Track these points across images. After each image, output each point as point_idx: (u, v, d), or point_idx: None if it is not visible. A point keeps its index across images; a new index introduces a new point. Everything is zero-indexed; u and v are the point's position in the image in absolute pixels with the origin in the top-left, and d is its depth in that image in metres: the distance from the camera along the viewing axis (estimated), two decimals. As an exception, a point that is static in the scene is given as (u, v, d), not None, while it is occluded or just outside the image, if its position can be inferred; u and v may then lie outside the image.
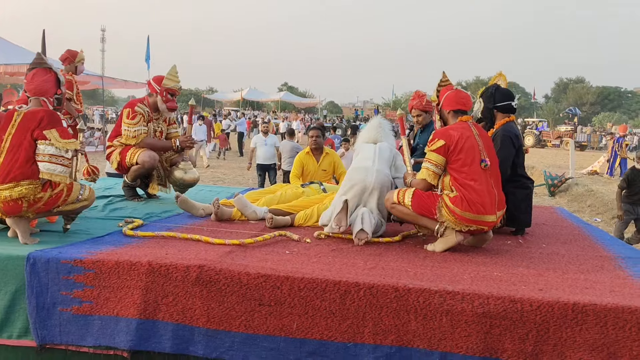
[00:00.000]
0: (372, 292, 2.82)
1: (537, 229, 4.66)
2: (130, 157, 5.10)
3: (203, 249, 3.39)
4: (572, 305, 2.66)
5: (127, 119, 5.11)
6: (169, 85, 5.18)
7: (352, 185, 4.09)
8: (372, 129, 4.62)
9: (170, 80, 5.19)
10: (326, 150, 6.75)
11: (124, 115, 5.15)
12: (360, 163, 4.26)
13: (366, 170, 4.11)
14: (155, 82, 5.19)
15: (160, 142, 5.34)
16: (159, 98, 5.20)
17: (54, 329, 3.07)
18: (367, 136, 4.59)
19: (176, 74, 5.27)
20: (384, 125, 4.65)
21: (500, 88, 4.52)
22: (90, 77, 20.91)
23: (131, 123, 5.10)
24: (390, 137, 4.61)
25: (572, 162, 16.98)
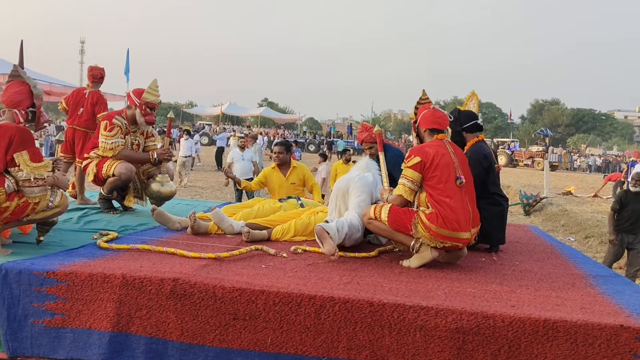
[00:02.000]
0: (347, 306, 2.83)
1: (510, 246, 4.72)
2: (107, 169, 5.06)
3: (178, 262, 3.37)
4: (543, 321, 2.70)
5: (105, 131, 5.08)
6: (149, 99, 5.17)
7: (337, 194, 4.43)
8: (361, 167, 4.78)
9: (150, 94, 5.18)
10: (294, 164, 6.76)
11: (102, 127, 5.11)
12: (345, 176, 4.58)
13: (349, 179, 4.42)
14: (135, 95, 5.16)
15: (137, 155, 5.31)
16: (137, 111, 5.17)
17: (26, 341, 3.02)
18: (359, 169, 4.78)
19: (156, 87, 5.26)
20: (371, 166, 4.76)
21: (463, 110, 4.63)
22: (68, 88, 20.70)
23: (108, 135, 5.07)
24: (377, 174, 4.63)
25: (546, 182, 17.25)
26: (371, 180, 4.42)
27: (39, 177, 3.45)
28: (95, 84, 6.35)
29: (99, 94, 6.25)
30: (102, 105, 6.19)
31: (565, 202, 16.73)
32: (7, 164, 3.41)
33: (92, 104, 6.16)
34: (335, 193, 4.44)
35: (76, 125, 6.15)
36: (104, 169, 5.07)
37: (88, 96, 6.20)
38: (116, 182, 5.08)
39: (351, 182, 4.37)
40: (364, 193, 4.28)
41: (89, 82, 6.37)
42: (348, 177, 4.48)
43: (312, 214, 4.68)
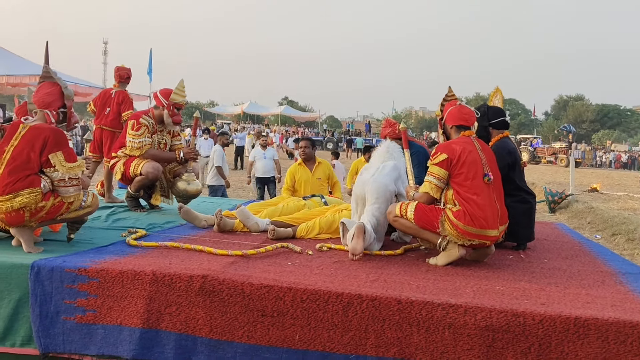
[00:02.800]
0: (374, 304, 2.83)
1: (538, 244, 4.67)
2: (134, 168, 5.12)
3: (206, 259, 3.40)
4: (574, 319, 2.68)
5: (132, 130, 5.15)
6: (177, 100, 5.23)
7: (355, 199, 4.31)
8: (380, 156, 4.59)
9: (178, 95, 5.24)
10: (319, 159, 6.78)
11: (129, 127, 5.18)
12: (360, 177, 4.37)
13: (364, 182, 4.24)
14: (162, 96, 5.22)
15: (164, 154, 5.37)
16: (165, 112, 5.23)
17: (58, 338, 3.07)
18: (375, 163, 4.57)
19: (183, 88, 5.31)
20: (392, 150, 4.60)
21: (491, 106, 4.60)
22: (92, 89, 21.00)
23: (135, 134, 5.13)
24: (399, 160, 4.51)
25: (572, 179, 17.01)
26: (387, 181, 4.21)
27: (74, 177, 3.51)
28: (122, 84, 6.43)
29: (124, 94, 6.33)
30: (128, 104, 6.26)
31: (591, 199, 16.48)
32: (42, 165, 3.48)
33: (117, 104, 6.24)
34: (354, 198, 4.34)
35: (103, 125, 6.24)
36: (132, 168, 5.13)
37: (114, 96, 6.29)
38: (143, 181, 5.14)
39: (366, 185, 4.20)
40: (379, 200, 4.10)
41: (116, 82, 6.45)
42: (363, 180, 4.30)
43: (336, 211, 4.69)
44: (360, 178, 4.37)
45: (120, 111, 6.22)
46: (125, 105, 6.24)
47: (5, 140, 3.55)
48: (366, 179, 4.26)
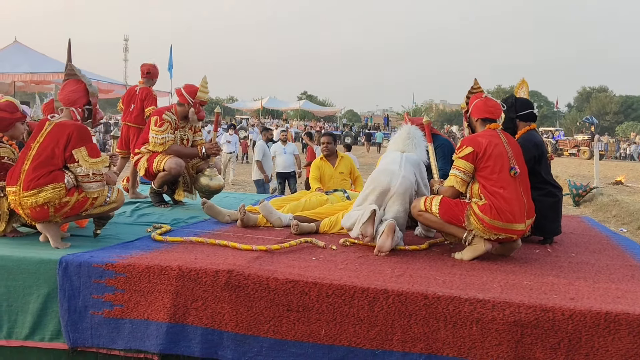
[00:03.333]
0: (400, 299, 2.81)
1: (565, 238, 4.60)
2: (157, 164, 5.16)
3: (231, 255, 3.41)
4: (604, 314, 2.63)
5: (155, 127, 5.18)
6: (203, 98, 5.29)
7: (375, 187, 3.98)
8: (400, 141, 4.40)
9: (203, 92, 5.29)
10: (340, 154, 6.78)
11: (152, 123, 5.22)
12: (386, 166, 4.13)
13: (392, 174, 3.98)
14: (187, 93, 5.25)
15: (186, 150, 5.40)
16: (191, 110, 5.28)
17: (86, 332, 3.11)
18: (394, 148, 4.41)
19: (206, 84, 5.36)
20: (413, 135, 4.40)
21: (519, 98, 4.54)
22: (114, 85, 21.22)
23: (159, 130, 5.17)
24: (421, 147, 4.36)
25: (596, 172, 16.76)
26: (412, 178, 4.04)
27: (97, 172, 3.54)
28: (147, 81, 6.49)
29: (148, 90, 6.38)
30: (150, 101, 6.31)
31: (616, 192, 16.21)
32: (66, 160, 3.52)
33: (141, 100, 6.30)
34: (374, 185, 4.00)
35: (129, 121, 6.31)
36: (155, 163, 5.17)
37: (138, 93, 6.34)
38: (166, 176, 5.17)
39: (394, 179, 3.94)
40: (404, 196, 3.94)
41: (141, 79, 6.50)
42: (391, 171, 4.01)
43: (359, 206, 4.66)
44: (388, 167, 4.07)
45: (144, 107, 6.27)
46: (148, 102, 6.29)
47: (32, 137, 3.60)
48: (394, 171, 4.00)
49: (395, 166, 4.06)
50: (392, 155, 4.24)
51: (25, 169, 3.45)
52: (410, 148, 4.30)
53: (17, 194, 3.42)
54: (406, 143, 4.33)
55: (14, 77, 17.87)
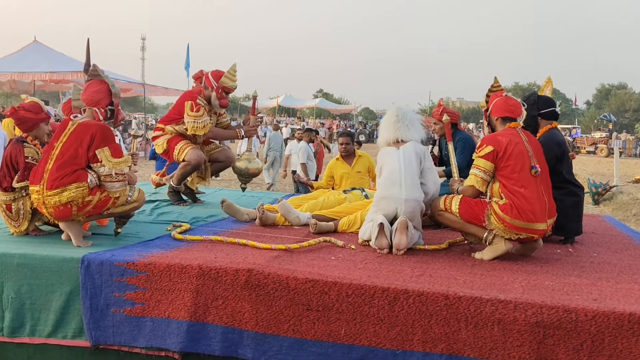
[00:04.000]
0: (421, 299, 2.80)
1: (586, 237, 4.55)
2: (178, 153, 5.17)
3: (250, 253, 3.42)
4: (628, 315, 2.60)
5: (192, 112, 5.11)
6: (227, 84, 5.20)
7: (381, 211, 3.84)
8: (390, 126, 4.04)
9: (229, 78, 5.21)
10: (358, 153, 6.75)
11: (187, 108, 5.12)
12: (386, 190, 3.85)
13: (395, 200, 3.78)
14: (213, 77, 5.20)
15: (226, 132, 5.48)
16: (213, 94, 5.21)
17: (108, 330, 3.14)
18: (386, 136, 4.06)
19: (235, 72, 5.27)
20: (403, 116, 4.03)
21: (542, 95, 4.50)
22: (132, 84, 21.41)
23: (197, 115, 5.11)
24: (415, 127, 4.05)
25: (616, 170, 16.55)
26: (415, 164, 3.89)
27: (120, 172, 3.57)
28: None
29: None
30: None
31: (636, 190, 15.99)
32: (90, 160, 3.55)
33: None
34: (379, 210, 3.85)
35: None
36: (176, 151, 5.19)
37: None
38: (186, 167, 5.19)
39: (398, 207, 3.77)
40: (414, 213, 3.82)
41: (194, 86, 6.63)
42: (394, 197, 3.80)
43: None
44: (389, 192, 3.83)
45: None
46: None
47: (55, 137, 3.64)
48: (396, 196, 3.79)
49: (395, 188, 3.81)
50: (389, 162, 3.92)
51: (48, 168, 3.49)
52: (403, 132, 4.00)
53: (41, 192, 3.47)
54: (397, 127, 4.01)
55: (33, 76, 18.11)
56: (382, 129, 4.14)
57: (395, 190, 3.80)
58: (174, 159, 5.27)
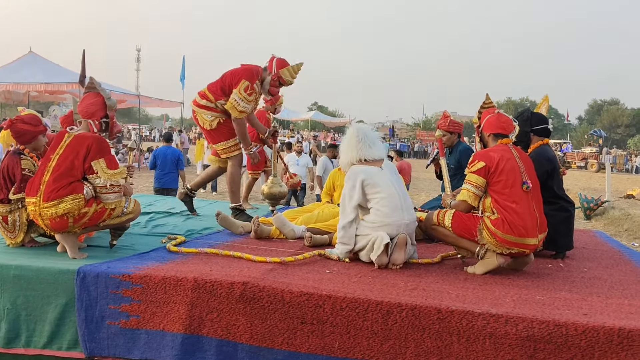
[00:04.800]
0: (414, 313, 2.83)
1: (577, 252, 4.61)
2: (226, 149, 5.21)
3: (246, 266, 3.45)
4: (617, 330, 2.63)
5: (244, 92, 5.01)
6: (284, 77, 5.19)
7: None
8: (352, 147, 3.93)
9: (289, 73, 5.20)
10: None
11: (242, 86, 5.00)
12: (388, 216, 3.73)
13: (398, 227, 3.73)
14: (276, 64, 5.18)
15: (261, 125, 5.58)
16: (269, 78, 5.19)
17: (102, 342, 3.15)
18: (349, 157, 3.95)
19: (298, 71, 5.26)
20: (365, 136, 3.94)
21: (535, 112, 4.58)
22: (126, 95, 21.44)
23: (246, 98, 5.01)
24: (377, 146, 3.98)
25: (608, 185, 16.68)
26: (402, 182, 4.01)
27: (115, 183, 3.60)
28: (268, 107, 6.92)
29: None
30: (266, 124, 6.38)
31: (628, 205, 16.14)
32: (85, 172, 3.58)
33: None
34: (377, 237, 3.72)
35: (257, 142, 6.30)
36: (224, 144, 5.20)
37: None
38: (218, 172, 5.41)
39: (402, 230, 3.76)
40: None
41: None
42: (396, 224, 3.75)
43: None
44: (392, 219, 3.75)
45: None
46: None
47: (51, 149, 3.67)
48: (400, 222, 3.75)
49: (397, 214, 3.75)
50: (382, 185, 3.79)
51: (45, 180, 3.51)
52: (365, 151, 3.91)
53: (37, 204, 3.49)
54: (359, 147, 3.92)
55: (28, 87, 18.11)
56: (343, 150, 4.04)
57: (398, 216, 3.75)
58: (215, 148, 5.24)
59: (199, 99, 5.22)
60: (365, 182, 3.78)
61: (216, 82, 5.19)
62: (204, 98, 5.19)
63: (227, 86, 5.08)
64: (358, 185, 3.78)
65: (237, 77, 5.05)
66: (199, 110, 5.19)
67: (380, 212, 3.75)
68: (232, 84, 5.04)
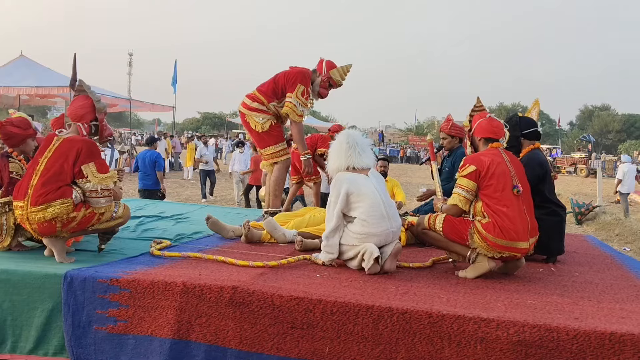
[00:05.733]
0: (405, 317, 2.81)
1: (568, 257, 4.60)
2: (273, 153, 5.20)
3: (235, 271, 3.42)
4: (609, 334, 2.63)
5: (301, 96, 5.03)
6: (334, 78, 5.21)
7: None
8: (342, 154, 3.86)
9: (340, 74, 5.21)
10: (387, 178, 6.98)
11: (299, 90, 5.02)
12: (374, 227, 3.66)
13: (385, 237, 3.69)
14: (326, 65, 5.18)
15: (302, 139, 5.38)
16: (319, 79, 5.19)
17: (89, 348, 3.11)
18: (337, 164, 3.87)
19: (347, 72, 5.27)
20: (355, 143, 3.87)
21: (524, 117, 4.58)
22: (118, 99, 21.36)
23: (304, 102, 5.04)
24: (367, 154, 3.91)
25: (599, 190, 16.75)
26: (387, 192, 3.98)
27: (105, 188, 3.56)
28: None
29: None
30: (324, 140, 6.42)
31: (619, 210, 16.19)
32: (75, 176, 3.54)
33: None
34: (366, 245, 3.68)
35: None
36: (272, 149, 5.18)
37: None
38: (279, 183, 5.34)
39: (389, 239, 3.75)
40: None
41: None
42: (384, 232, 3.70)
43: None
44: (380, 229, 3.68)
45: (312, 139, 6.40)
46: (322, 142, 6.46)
47: (39, 152, 3.62)
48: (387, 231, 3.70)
49: (384, 223, 3.69)
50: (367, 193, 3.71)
51: (33, 184, 3.47)
52: (355, 159, 3.83)
53: (25, 208, 3.44)
54: (349, 154, 3.83)
55: (19, 90, 17.99)
56: (332, 156, 3.93)
57: (385, 225, 3.69)
58: (263, 152, 5.21)
59: (249, 101, 5.18)
60: (349, 190, 3.70)
61: (267, 84, 5.18)
62: (255, 101, 5.16)
63: (280, 89, 5.08)
64: (342, 194, 3.70)
65: (291, 80, 5.05)
66: (250, 113, 5.16)
67: (367, 223, 3.66)
68: (286, 87, 5.05)
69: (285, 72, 5.18)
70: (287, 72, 5.16)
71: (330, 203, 3.78)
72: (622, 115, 78.27)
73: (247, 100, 5.19)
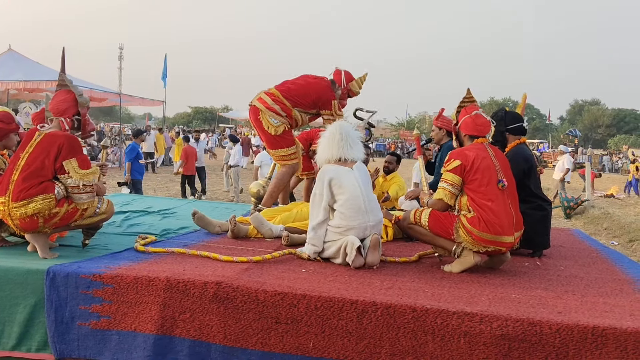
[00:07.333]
0: (389, 312, 2.81)
1: (554, 251, 4.62)
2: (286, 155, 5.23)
3: (220, 266, 3.40)
4: (591, 328, 2.64)
5: (339, 112, 5.13)
6: (354, 89, 5.30)
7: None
8: (333, 145, 3.88)
9: (358, 85, 5.30)
10: (392, 175, 6.98)
11: (335, 107, 5.12)
12: (352, 220, 3.69)
13: (363, 230, 3.71)
14: (345, 77, 5.24)
15: None
16: (339, 92, 5.22)
17: (72, 343, 3.09)
18: (328, 155, 3.88)
19: (364, 81, 5.36)
20: (347, 135, 3.90)
21: (509, 111, 4.59)
22: (107, 94, 21.22)
23: (338, 114, 5.10)
24: (358, 147, 3.95)
25: (587, 184, 16.86)
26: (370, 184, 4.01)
27: (87, 183, 3.53)
28: None
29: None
30: None
31: (607, 204, 16.31)
32: (57, 171, 3.50)
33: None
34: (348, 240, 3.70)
35: None
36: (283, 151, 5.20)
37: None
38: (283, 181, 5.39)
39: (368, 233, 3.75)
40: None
41: None
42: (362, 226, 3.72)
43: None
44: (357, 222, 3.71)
45: None
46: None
47: (21, 147, 3.58)
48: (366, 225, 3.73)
49: (361, 216, 3.71)
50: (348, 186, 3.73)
51: (14, 180, 3.43)
52: (346, 151, 3.86)
53: (6, 204, 3.41)
54: (340, 146, 3.85)
55: (7, 85, 17.84)
56: (323, 147, 3.94)
57: (362, 218, 3.70)
58: (274, 153, 5.23)
59: (269, 101, 5.11)
60: (332, 181, 3.74)
61: (295, 90, 5.15)
62: (277, 103, 5.10)
63: (312, 101, 5.12)
64: (326, 185, 3.74)
65: (325, 96, 5.10)
66: (267, 112, 5.11)
67: (344, 216, 3.69)
68: (322, 104, 5.11)
69: (317, 85, 5.18)
70: (319, 87, 5.16)
71: (315, 195, 3.79)
72: (612, 110, 78.73)
73: (267, 98, 5.12)
